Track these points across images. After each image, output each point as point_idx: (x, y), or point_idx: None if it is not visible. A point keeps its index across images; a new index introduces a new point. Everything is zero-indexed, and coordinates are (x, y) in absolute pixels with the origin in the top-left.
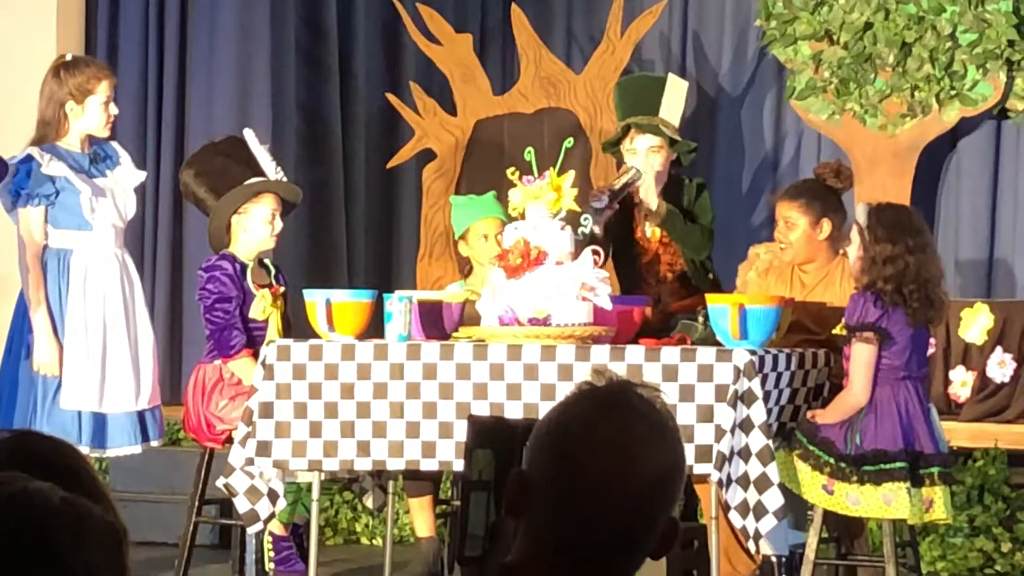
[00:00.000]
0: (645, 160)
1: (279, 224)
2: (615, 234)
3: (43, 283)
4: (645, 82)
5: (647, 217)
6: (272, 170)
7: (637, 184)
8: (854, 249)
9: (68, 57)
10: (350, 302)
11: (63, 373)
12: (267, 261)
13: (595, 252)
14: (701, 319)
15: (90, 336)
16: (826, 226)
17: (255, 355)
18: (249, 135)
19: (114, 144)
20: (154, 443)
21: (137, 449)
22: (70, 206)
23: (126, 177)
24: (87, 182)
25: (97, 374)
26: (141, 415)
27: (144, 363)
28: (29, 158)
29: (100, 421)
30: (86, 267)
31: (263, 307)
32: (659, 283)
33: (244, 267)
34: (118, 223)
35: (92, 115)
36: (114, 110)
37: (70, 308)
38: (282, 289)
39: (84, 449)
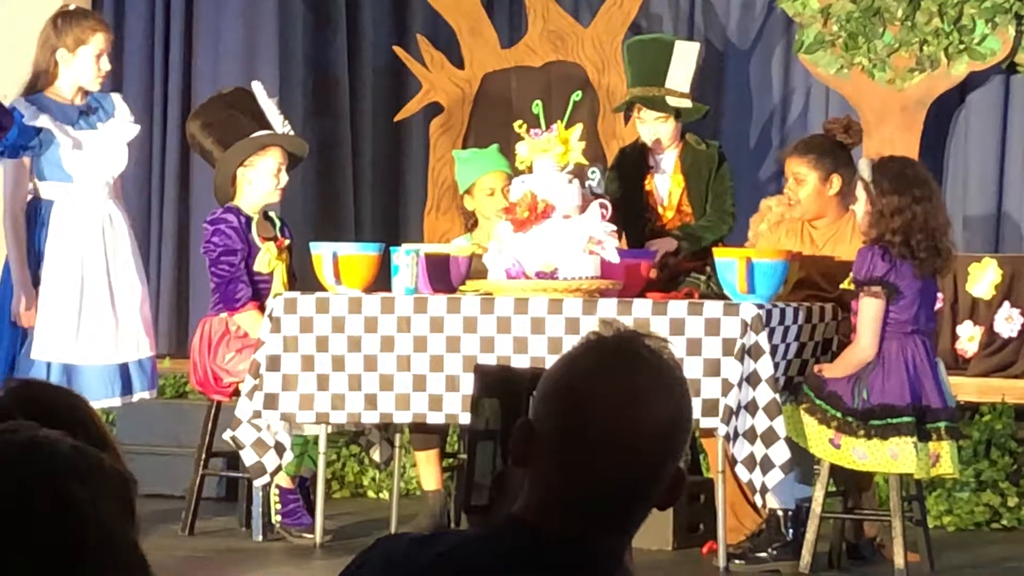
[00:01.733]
0: (653, 129)
1: (284, 178)
2: (624, 193)
3: (25, 234)
4: (653, 48)
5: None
6: (279, 124)
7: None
8: (861, 205)
9: (71, 7)
10: (357, 255)
11: (36, 323)
12: (272, 214)
13: (602, 206)
14: (705, 278)
15: (66, 287)
16: (836, 182)
17: (261, 308)
18: (258, 88)
19: (113, 96)
20: (143, 395)
21: (115, 402)
22: (52, 158)
23: (118, 130)
24: (69, 134)
25: (72, 325)
26: (124, 367)
27: (127, 315)
28: (13, 109)
29: (72, 372)
30: (67, 219)
31: (268, 260)
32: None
33: (249, 220)
34: (104, 176)
35: (83, 66)
36: (106, 65)
37: (47, 259)
38: (287, 242)
39: None
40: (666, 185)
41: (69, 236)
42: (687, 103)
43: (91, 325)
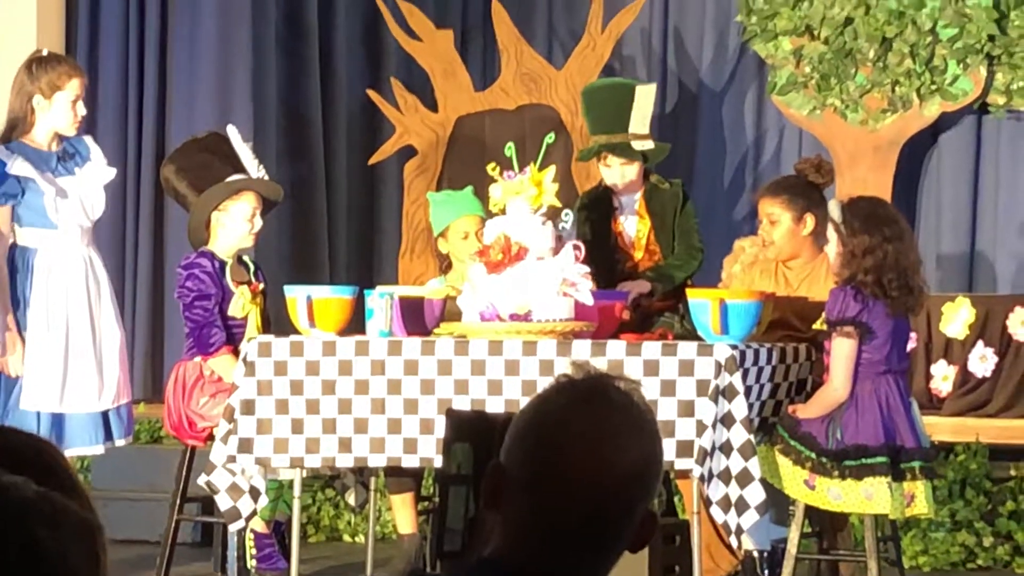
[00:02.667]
0: (619, 173)
1: (259, 222)
2: (594, 236)
3: (7, 282)
4: (612, 93)
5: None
6: (254, 168)
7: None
8: (832, 246)
9: (44, 52)
10: (331, 298)
11: (24, 373)
12: (246, 258)
13: (576, 248)
14: (678, 318)
15: (52, 336)
16: (809, 221)
17: (235, 352)
18: (232, 132)
19: (87, 140)
20: (119, 442)
21: (99, 450)
22: (35, 205)
23: (95, 175)
24: (51, 182)
25: (59, 374)
26: (105, 414)
27: (109, 363)
28: None
29: (60, 421)
30: (50, 266)
31: (242, 304)
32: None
33: (223, 264)
34: (84, 222)
35: (59, 111)
36: (82, 110)
37: (32, 307)
38: (261, 286)
39: None
40: (633, 226)
41: (54, 284)
42: (651, 144)
43: (77, 374)
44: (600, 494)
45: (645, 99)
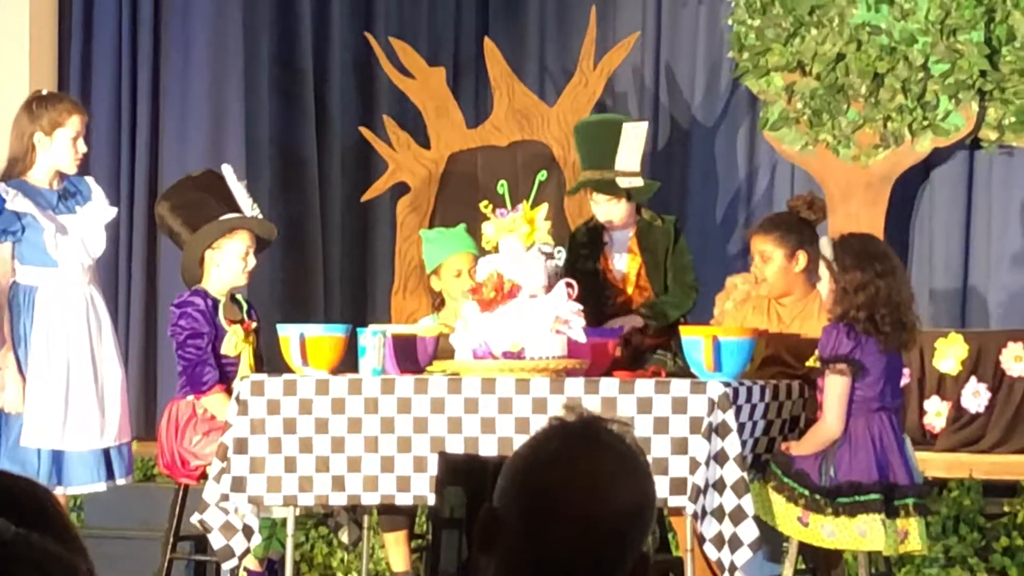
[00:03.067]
0: (607, 210)
1: (252, 261)
2: (584, 272)
3: (8, 320)
4: (601, 130)
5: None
6: (248, 207)
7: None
8: (825, 283)
9: (43, 92)
10: (324, 336)
11: (25, 410)
12: (239, 296)
13: (568, 285)
14: (671, 355)
15: (53, 373)
16: (802, 258)
17: (228, 391)
18: (227, 170)
19: (88, 179)
20: (120, 481)
21: (101, 487)
22: (35, 243)
23: (96, 214)
24: (52, 219)
25: (60, 411)
26: (107, 453)
27: (110, 400)
28: None
29: (61, 459)
30: (51, 304)
31: (235, 343)
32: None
33: (216, 303)
34: (85, 260)
35: (60, 149)
36: (83, 147)
37: (34, 345)
38: (254, 325)
39: None
40: (624, 263)
41: (55, 321)
42: (638, 182)
43: (78, 411)
44: (593, 537)
45: (634, 136)
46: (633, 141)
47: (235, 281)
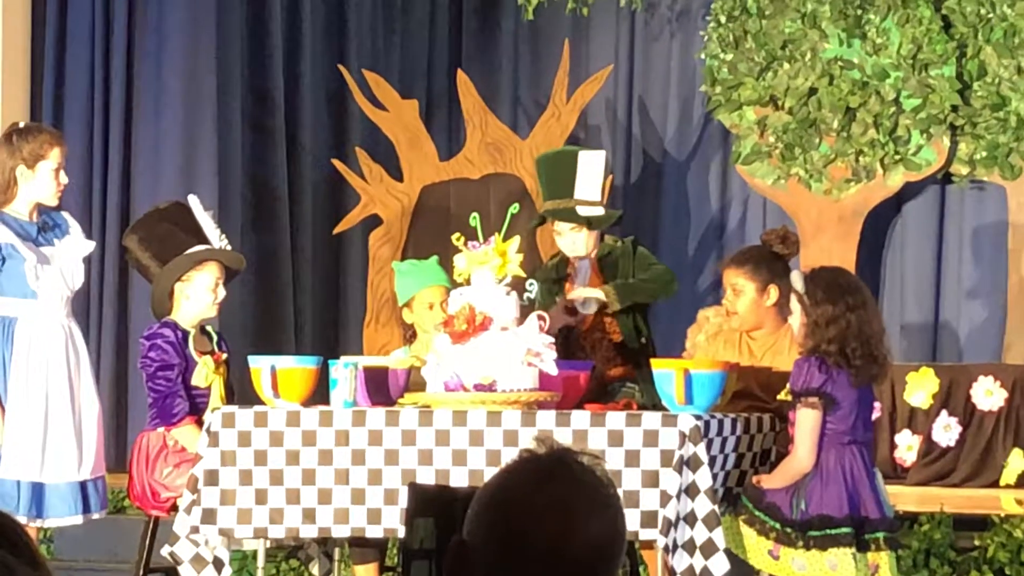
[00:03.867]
0: (570, 240)
1: (222, 292)
2: (546, 306)
3: None
4: (559, 161)
5: (606, 311)
6: (216, 238)
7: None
8: (796, 317)
9: (20, 124)
10: (295, 368)
11: (4, 442)
12: (209, 328)
13: (540, 318)
14: (637, 388)
15: (32, 405)
16: (773, 292)
17: (198, 422)
18: (194, 201)
19: (64, 214)
20: (95, 515)
21: (78, 520)
22: (15, 274)
23: (74, 247)
24: (33, 250)
25: (38, 443)
26: (84, 486)
27: (88, 433)
28: None
29: (40, 491)
30: (30, 336)
31: (205, 374)
32: (593, 351)
33: (186, 334)
34: (65, 292)
35: (42, 181)
36: (64, 179)
37: (12, 377)
38: (225, 356)
39: (22, 519)
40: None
41: (34, 353)
42: (598, 211)
43: (57, 443)
44: (562, 570)
45: (590, 165)
46: (590, 170)
47: (205, 313)
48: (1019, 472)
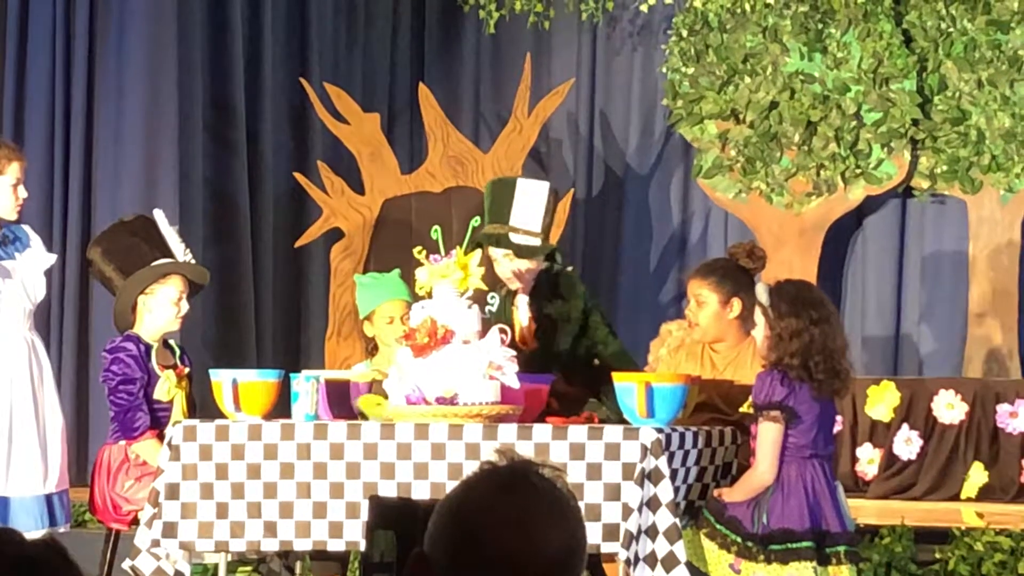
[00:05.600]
0: (504, 266)
1: (185, 306)
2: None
3: None
4: (499, 188)
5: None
6: (180, 251)
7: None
8: (760, 329)
9: None
10: (256, 382)
11: None
12: (172, 342)
13: (502, 331)
14: (598, 403)
15: None
16: (736, 305)
17: (160, 436)
18: (159, 216)
19: (25, 227)
20: (61, 529)
21: (43, 534)
22: None
23: (35, 260)
24: None
25: (3, 457)
26: (49, 499)
27: (52, 446)
28: None
29: (5, 505)
30: None
31: (167, 388)
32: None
33: (149, 348)
34: (27, 305)
35: (1, 196)
36: (23, 193)
37: None
38: (187, 370)
39: None
40: (525, 314)
41: None
42: (533, 241)
43: (22, 457)
44: None
45: (529, 193)
46: (529, 199)
47: (168, 326)
48: (980, 485)
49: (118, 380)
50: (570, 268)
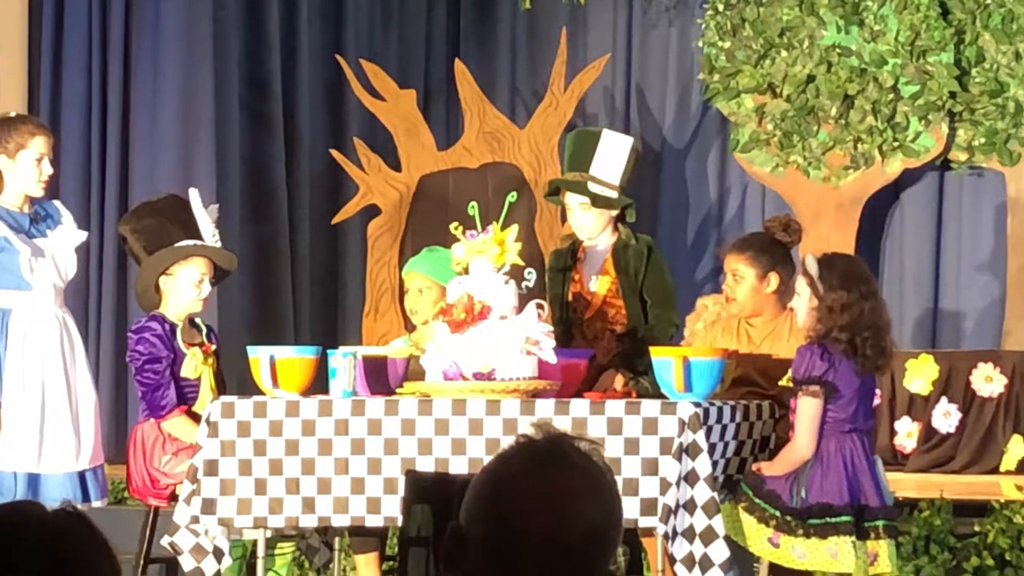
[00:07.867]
0: (578, 216)
1: (207, 288)
2: (556, 292)
3: None
4: (582, 137)
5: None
6: (209, 234)
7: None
8: (803, 301)
9: (11, 115)
10: (294, 358)
11: (1, 434)
12: (198, 320)
13: (539, 306)
14: (634, 377)
15: (28, 396)
16: (773, 280)
17: (188, 413)
18: (194, 196)
19: (56, 203)
20: (96, 504)
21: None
22: (9, 266)
23: (67, 237)
24: (27, 242)
25: (35, 435)
26: (82, 475)
27: (85, 423)
28: None
29: (37, 482)
30: (25, 327)
31: (195, 365)
32: (596, 339)
33: (174, 327)
34: (58, 283)
35: (24, 170)
36: (48, 168)
37: (8, 368)
38: (214, 347)
39: None
40: (596, 283)
41: (30, 345)
42: (610, 192)
43: (54, 434)
44: (559, 555)
45: (612, 145)
46: (612, 151)
47: (189, 307)
48: (1019, 458)
49: (144, 360)
50: (645, 239)
